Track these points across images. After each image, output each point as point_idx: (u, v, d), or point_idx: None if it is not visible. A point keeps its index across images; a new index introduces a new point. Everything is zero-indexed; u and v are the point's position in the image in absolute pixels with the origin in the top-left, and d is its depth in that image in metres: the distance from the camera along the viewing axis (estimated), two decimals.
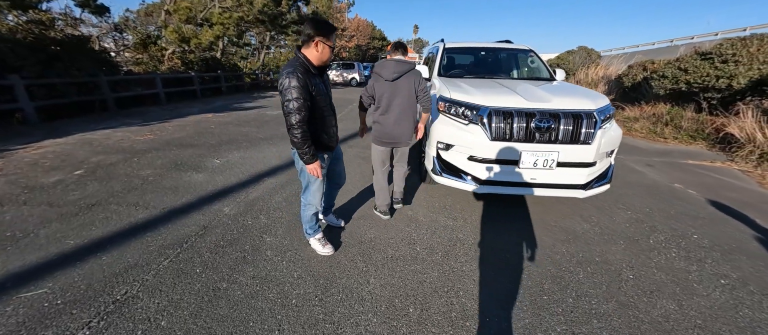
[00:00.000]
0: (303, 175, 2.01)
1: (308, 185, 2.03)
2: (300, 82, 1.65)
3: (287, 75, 1.65)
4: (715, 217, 3.00)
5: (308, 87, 1.70)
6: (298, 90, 1.64)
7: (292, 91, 1.64)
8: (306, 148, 1.75)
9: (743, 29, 14.17)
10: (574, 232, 2.65)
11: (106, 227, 2.52)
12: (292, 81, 1.64)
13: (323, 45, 1.74)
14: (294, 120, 1.67)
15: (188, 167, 3.99)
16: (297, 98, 1.64)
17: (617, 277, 2.09)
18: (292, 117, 1.67)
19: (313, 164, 1.83)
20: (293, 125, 1.68)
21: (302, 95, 1.66)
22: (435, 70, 3.97)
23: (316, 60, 1.77)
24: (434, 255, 2.29)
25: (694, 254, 2.38)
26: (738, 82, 6.09)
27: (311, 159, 1.80)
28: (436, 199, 3.23)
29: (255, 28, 15.47)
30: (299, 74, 1.66)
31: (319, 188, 2.04)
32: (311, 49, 1.74)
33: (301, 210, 2.15)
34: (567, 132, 2.55)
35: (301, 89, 1.65)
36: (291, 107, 1.65)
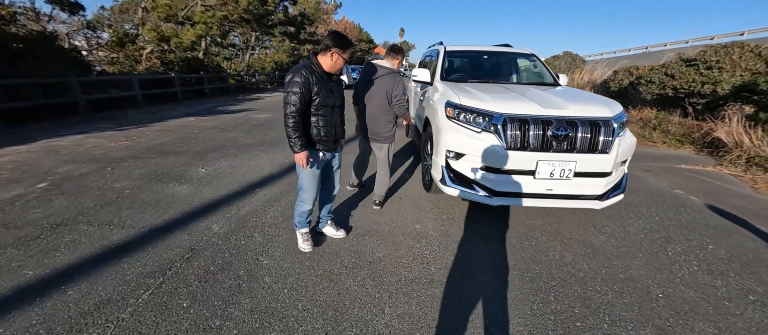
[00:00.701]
0: (298, 174, 2.15)
1: (301, 182, 2.15)
2: (302, 79, 1.85)
3: (293, 72, 1.89)
4: (725, 226, 2.96)
5: (310, 86, 1.88)
6: (299, 86, 1.84)
7: (293, 85, 1.85)
8: (295, 137, 1.90)
9: (711, 38, 14.94)
10: (591, 245, 2.52)
11: (74, 253, 2.18)
12: (296, 77, 1.85)
13: (338, 56, 1.94)
14: (288, 110, 1.87)
15: (171, 178, 3.64)
16: (295, 92, 1.84)
17: (647, 296, 1.96)
18: (288, 107, 1.86)
19: (300, 154, 1.96)
20: (287, 115, 1.87)
21: (301, 90, 1.85)
22: (437, 74, 3.81)
23: (328, 67, 1.97)
24: (451, 275, 2.10)
25: (715, 267, 2.29)
26: (722, 88, 6.28)
27: (299, 149, 1.94)
28: (443, 210, 3.05)
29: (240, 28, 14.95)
30: (303, 73, 1.86)
31: (312, 188, 2.16)
32: (326, 57, 1.95)
33: (295, 206, 2.27)
34: (585, 141, 2.42)
35: (302, 85, 1.85)
36: (289, 99, 1.86)
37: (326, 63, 1.96)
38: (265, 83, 18.68)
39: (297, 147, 1.93)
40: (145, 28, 10.47)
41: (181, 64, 11.52)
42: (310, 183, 2.13)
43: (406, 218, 2.88)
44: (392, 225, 2.74)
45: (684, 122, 6.83)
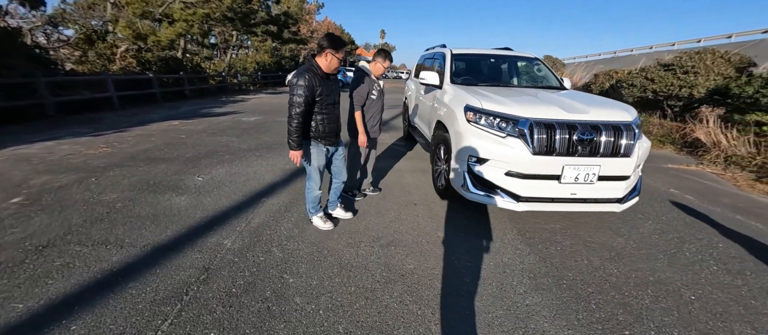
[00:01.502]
0: (306, 164, 2.40)
1: (310, 172, 2.45)
2: (306, 82, 2.06)
3: (297, 75, 2.09)
4: (725, 224, 3.10)
5: (313, 88, 2.11)
6: (303, 89, 2.05)
7: (298, 88, 2.05)
8: (295, 136, 2.14)
9: (672, 44, 15.99)
10: (613, 248, 2.55)
11: (70, 279, 1.92)
12: (300, 81, 2.06)
13: (332, 56, 2.14)
14: (293, 112, 2.08)
15: (165, 188, 3.35)
16: (300, 95, 2.05)
17: (680, 299, 1.98)
18: (292, 109, 2.08)
19: (296, 151, 2.20)
20: (291, 116, 2.09)
21: (305, 93, 2.07)
22: (446, 77, 3.76)
23: (325, 67, 2.18)
24: (488, 286, 2.03)
25: (731, 266, 2.38)
26: (698, 91, 6.70)
27: (296, 147, 2.18)
28: (461, 216, 2.99)
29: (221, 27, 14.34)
30: (307, 76, 2.08)
31: (318, 176, 2.47)
32: (322, 58, 2.15)
33: (306, 193, 2.57)
34: (608, 145, 2.45)
35: (306, 88, 2.06)
36: (293, 100, 2.07)
37: (323, 64, 2.16)
38: (247, 84, 18.01)
39: (295, 145, 2.17)
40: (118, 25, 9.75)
41: (159, 64, 10.84)
42: (318, 174, 2.45)
43: (427, 226, 2.79)
44: (414, 234, 2.65)
45: (663, 124, 7.22)
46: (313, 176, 2.46)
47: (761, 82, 5.45)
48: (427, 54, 5.45)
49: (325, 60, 2.16)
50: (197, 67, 13.90)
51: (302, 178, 3.81)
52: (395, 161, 4.74)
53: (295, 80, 2.08)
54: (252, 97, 13.34)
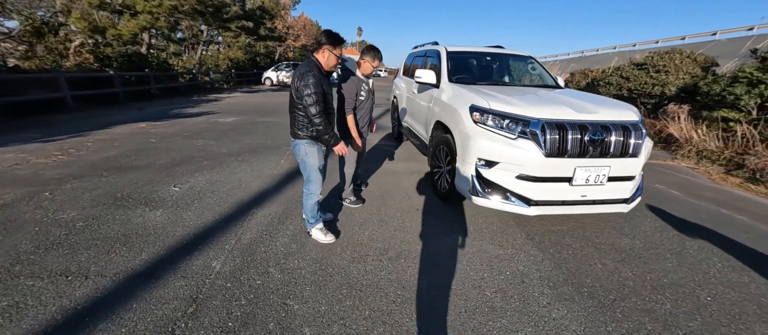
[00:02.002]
0: (305, 166, 2.27)
1: (310, 174, 2.27)
2: (316, 79, 1.97)
3: (306, 72, 1.97)
4: (714, 219, 3.20)
5: (322, 84, 2.02)
6: (316, 85, 1.95)
7: (310, 86, 1.94)
8: (331, 132, 2.11)
9: (633, 45, 16.99)
10: (622, 249, 2.52)
11: (20, 324, 1.56)
12: (310, 78, 1.95)
13: (329, 53, 2.07)
14: (315, 110, 1.98)
15: (136, 202, 2.95)
16: (316, 92, 1.95)
17: (698, 301, 1.97)
18: (313, 108, 1.97)
19: (340, 144, 2.18)
20: (315, 115, 1.99)
21: (319, 89, 1.97)
22: (444, 76, 3.62)
23: (324, 65, 2.10)
24: (510, 300, 1.91)
25: (734, 263, 2.42)
26: (669, 89, 7.07)
27: (337, 140, 2.16)
28: (467, 220, 2.86)
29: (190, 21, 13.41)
30: (315, 72, 1.99)
31: (320, 179, 2.31)
32: (320, 54, 2.08)
33: (304, 200, 2.36)
34: (618, 145, 2.41)
35: (318, 84, 1.97)
36: (311, 99, 1.95)
37: (321, 60, 2.09)
38: (220, 83, 17.02)
39: (334, 140, 2.13)
40: (72, 16, 8.77)
41: (120, 61, 9.89)
42: (318, 175, 2.29)
43: (433, 233, 2.64)
44: (422, 243, 2.48)
45: None
46: (313, 177, 2.29)
47: (727, 82, 5.81)
48: (416, 52, 5.30)
49: (322, 57, 2.10)
50: (164, 64, 12.90)
51: (294, 185, 3.53)
52: (389, 163, 4.56)
53: (304, 79, 1.97)
54: (226, 96, 12.59)
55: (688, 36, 12.35)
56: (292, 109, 2.22)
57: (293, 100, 2.16)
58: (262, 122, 7.21)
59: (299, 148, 2.26)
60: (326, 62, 2.12)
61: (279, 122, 7.31)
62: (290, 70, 19.28)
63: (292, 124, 2.29)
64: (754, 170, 4.76)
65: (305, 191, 2.36)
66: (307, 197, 2.35)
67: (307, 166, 2.26)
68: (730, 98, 5.64)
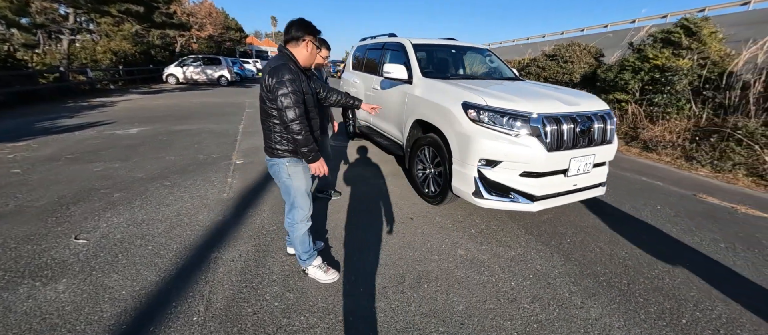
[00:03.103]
0: (288, 191, 1.82)
1: (295, 199, 1.82)
2: (293, 74, 1.59)
3: (280, 66, 1.59)
4: (643, 187, 3.82)
5: (301, 82, 1.65)
6: (293, 83, 1.57)
7: (286, 84, 1.55)
8: (311, 145, 1.66)
9: (543, 36, 19.74)
10: (603, 229, 2.74)
11: None
12: (286, 74, 1.57)
13: (313, 46, 1.74)
14: (293, 115, 1.56)
15: (14, 274, 1.93)
16: (294, 91, 1.56)
17: (682, 272, 2.22)
18: (291, 112, 1.56)
19: (318, 161, 1.72)
20: (293, 121, 1.57)
21: (298, 88, 1.60)
22: (415, 71, 3.39)
23: (304, 60, 1.74)
24: (549, 308, 1.83)
25: (679, 225, 2.86)
26: (575, 77, 8.34)
27: (316, 156, 1.71)
28: (463, 223, 2.74)
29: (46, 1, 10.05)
30: (291, 67, 1.62)
31: (308, 200, 1.87)
32: (300, 48, 1.71)
33: (291, 232, 1.90)
34: (600, 133, 2.56)
35: (295, 81, 1.59)
36: (288, 101, 1.55)
37: (302, 56, 1.72)
38: (104, 82, 13.44)
39: (314, 154, 1.69)
40: None
41: None
42: (306, 200, 1.85)
43: (441, 245, 2.43)
44: (436, 259, 2.25)
45: None
46: (299, 202, 1.84)
47: (617, 70, 7.09)
48: (368, 44, 4.93)
49: (305, 50, 1.72)
50: (10, 60, 9.45)
51: (257, 208, 2.86)
52: (354, 167, 4.16)
53: (277, 77, 1.56)
54: (117, 99, 9.99)
55: (586, 28, 14.82)
56: (265, 117, 1.73)
57: (264, 105, 1.69)
58: (181, 130, 5.87)
59: (279, 169, 1.79)
60: (308, 58, 1.76)
61: (204, 128, 6.06)
62: (200, 65, 16.51)
63: (266, 138, 1.78)
64: (645, 141, 5.95)
65: (289, 221, 1.89)
66: (293, 228, 1.88)
67: (292, 190, 1.81)
68: (621, 82, 6.91)
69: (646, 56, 6.77)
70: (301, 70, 1.73)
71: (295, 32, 1.69)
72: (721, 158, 4.73)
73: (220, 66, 16.69)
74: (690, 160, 5.02)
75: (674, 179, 4.18)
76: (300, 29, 1.69)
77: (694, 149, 5.11)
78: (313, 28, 1.74)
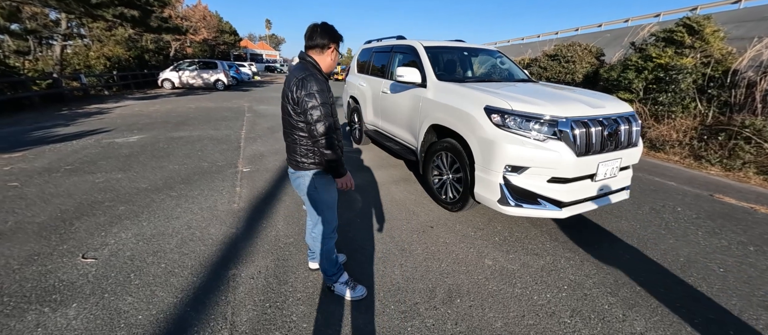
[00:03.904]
0: (316, 205, 1.74)
1: (323, 213, 1.75)
2: (321, 86, 1.53)
3: (307, 77, 1.51)
4: (658, 188, 3.77)
5: (329, 92, 1.59)
6: (322, 94, 1.50)
7: (316, 96, 1.48)
8: (340, 158, 1.60)
9: (537, 36, 19.85)
10: (629, 233, 2.68)
11: None
12: (315, 85, 1.49)
13: (336, 52, 1.69)
14: (324, 128, 1.49)
15: (20, 299, 1.79)
16: (323, 103, 1.50)
17: (717, 276, 2.16)
18: (321, 125, 1.49)
19: (347, 175, 1.66)
20: (324, 135, 1.50)
21: (328, 99, 1.54)
22: (429, 75, 3.30)
23: (327, 68, 1.67)
24: (591, 322, 1.75)
25: (705, 228, 2.81)
26: (577, 77, 8.33)
27: (345, 170, 1.65)
28: (485, 230, 2.66)
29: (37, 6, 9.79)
30: (319, 77, 1.56)
31: (334, 210, 1.81)
32: (325, 56, 1.64)
33: (319, 248, 1.82)
34: (626, 136, 2.50)
35: (324, 92, 1.52)
36: (318, 114, 1.48)
37: (326, 63, 1.65)
38: (97, 88, 13.16)
39: (343, 168, 1.63)
40: None
41: None
42: (332, 211, 1.79)
43: (466, 255, 2.34)
44: (464, 271, 2.16)
45: None
46: (328, 217, 1.77)
47: (620, 69, 7.09)
48: (375, 47, 4.84)
49: (329, 58, 1.65)
50: (1, 67, 9.17)
51: (271, 220, 2.75)
52: (364, 173, 4.05)
53: (307, 88, 1.48)
54: (113, 105, 9.76)
55: (581, 27, 14.90)
56: (289, 130, 1.64)
57: (290, 117, 1.59)
58: (180, 137, 5.71)
59: (305, 182, 1.70)
60: (331, 65, 1.68)
61: (204, 134, 5.92)
62: (196, 69, 16.27)
63: (291, 150, 1.68)
64: (652, 140, 5.94)
65: (315, 235, 1.82)
66: (320, 242, 1.80)
67: (320, 204, 1.73)
68: (625, 82, 6.91)
69: (650, 55, 6.78)
70: (326, 78, 1.65)
71: (321, 39, 1.60)
72: (731, 157, 4.72)
73: (217, 70, 16.47)
74: (698, 159, 5.01)
75: (686, 179, 4.15)
76: (325, 36, 1.61)
77: (703, 147, 5.10)
78: (338, 34, 1.66)
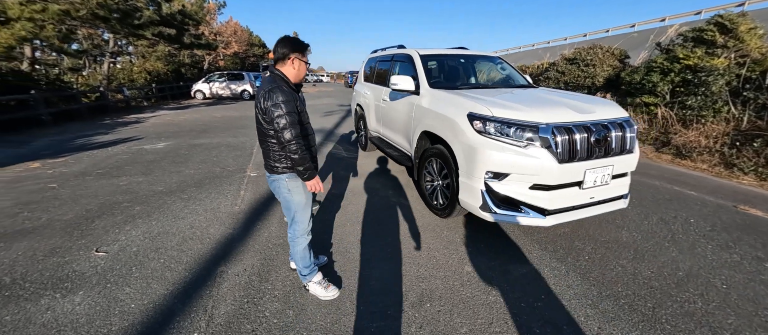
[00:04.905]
0: (289, 206, 1.85)
1: (295, 214, 1.86)
2: (287, 96, 1.61)
3: (274, 89, 1.60)
4: (675, 197, 3.52)
5: (295, 101, 1.67)
6: (288, 103, 1.60)
7: (282, 106, 1.58)
8: (307, 163, 1.68)
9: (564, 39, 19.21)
10: (627, 244, 2.54)
11: None
12: (280, 96, 1.59)
13: (300, 62, 1.74)
14: (290, 135, 1.60)
15: (37, 286, 2.06)
16: (289, 112, 1.60)
17: (718, 291, 2.00)
18: (288, 132, 1.60)
19: (314, 179, 1.75)
20: (290, 141, 1.61)
21: (294, 108, 1.63)
22: (422, 82, 3.36)
23: (294, 77, 1.75)
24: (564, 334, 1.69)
25: (717, 241, 2.60)
26: (598, 81, 7.96)
27: (312, 173, 1.73)
28: (472, 236, 2.63)
29: (91, 29, 11.06)
30: (284, 88, 1.64)
31: (307, 215, 1.90)
32: (287, 66, 1.73)
33: (293, 247, 1.92)
34: (618, 142, 2.40)
35: (290, 102, 1.61)
36: (284, 122, 1.59)
37: (290, 73, 1.73)
38: (138, 100, 14.49)
39: (311, 171, 1.71)
40: None
41: None
42: (305, 212, 1.88)
43: (447, 260, 2.34)
44: (441, 276, 2.16)
45: None
46: (299, 217, 1.87)
47: (644, 71, 6.69)
48: (379, 56, 4.97)
49: (293, 68, 1.73)
50: (58, 82, 10.41)
51: (266, 221, 2.91)
52: (362, 178, 4.14)
53: (273, 99, 1.58)
54: (149, 115, 10.70)
55: (611, 29, 14.27)
56: (263, 137, 1.77)
57: (261, 126, 1.71)
58: (201, 144, 6.15)
59: (280, 184, 1.81)
60: (297, 74, 1.77)
61: (222, 142, 6.32)
62: (225, 80, 17.39)
63: (266, 155, 1.81)
64: (678, 147, 5.52)
65: (290, 235, 1.92)
66: (294, 242, 1.90)
67: (292, 205, 1.84)
68: (649, 85, 6.51)
69: (676, 56, 6.36)
70: (293, 88, 1.74)
71: (281, 50, 1.70)
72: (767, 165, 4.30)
73: (243, 81, 17.47)
74: (730, 167, 4.60)
75: (711, 189, 3.82)
76: (285, 47, 1.70)
77: (735, 155, 4.68)
78: (298, 44, 1.74)
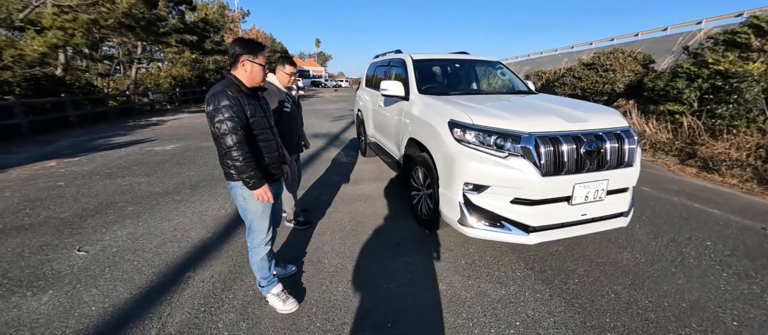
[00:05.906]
0: (245, 214, 1.77)
1: (251, 223, 1.77)
2: (231, 101, 1.51)
3: (215, 96, 1.51)
4: (693, 216, 3.17)
5: (242, 106, 1.56)
6: (230, 109, 1.50)
7: (222, 111, 1.49)
8: (251, 171, 1.58)
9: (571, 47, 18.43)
10: (627, 268, 2.28)
11: None
12: (222, 101, 1.49)
13: (251, 64, 1.61)
14: (231, 141, 1.50)
15: (15, 283, 2.12)
16: (230, 117, 1.49)
17: (727, 329, 1.73)
18: (228, 138, 1.50)
19: (261, 188, 1.63)
20: (231, 147, 1.51)
21: (236, 114, 1.52)
22: (412, 87, 3.25)
23: (247, 80, 1.63)
24: None
25: (734, 268, 2.29)
26: (618, 87, 7.49)
27: (258, 183, 1.61)
28: (455, 251, 2.47)
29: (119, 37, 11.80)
30: (229, 93, 1.52)
31: (265, 227, 1.79)
32: (239, 69, 1.61)
33: (251, 257, 1.85)
34: (614, 155, 2.17)
35: (232, 107, 1.51)
36: (224, 128, 1.49)
37: (243, 76, 1.62)
38: (162, 103, 15.28)
39: (254, 180, 1.59)
40: None
41: (25, 86, 8.26)
42: (262, 221, 1.77)
43: (422, 277, 2.19)
44: (412, 293, 2.02)
45: None
46: (256, 226, 1.78)
47: (669, 77, 6.22)
48: (378, 61, 4.91)
49: (243, 71, 1.61)
50: (88, 87, 11.16)
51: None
52: (356, 184, 4.06)
53: (214, 104, 1.49)
54: (169, 118, 11.21)
55: (641, 32, 13.53)
56: (216, 143, 1.67)
57: (214, 132, 1.58)
58: (208, 147, 6.31)
59: (235, 192, 1.72)
60: (251, 77, 1.63)
61: None
62: None
63: (221, 162, 1.74)
64: (705, 159, 5.05)
65: (249, 244, 1.84)
66: (252, 252, 1.83)
67: (248, 213, 1.75)
68: (674, 92, 6.03)
69: (705, 61, 5.87)
70: (247, 92, 1.62)
71: (232, 51, 1.59)
72: None
73: None
74: (764, 183, 4.13)
75: (738, 207, 3.43)
76: (235, 47, 1.59)
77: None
78: (249, 45, 1.61)
